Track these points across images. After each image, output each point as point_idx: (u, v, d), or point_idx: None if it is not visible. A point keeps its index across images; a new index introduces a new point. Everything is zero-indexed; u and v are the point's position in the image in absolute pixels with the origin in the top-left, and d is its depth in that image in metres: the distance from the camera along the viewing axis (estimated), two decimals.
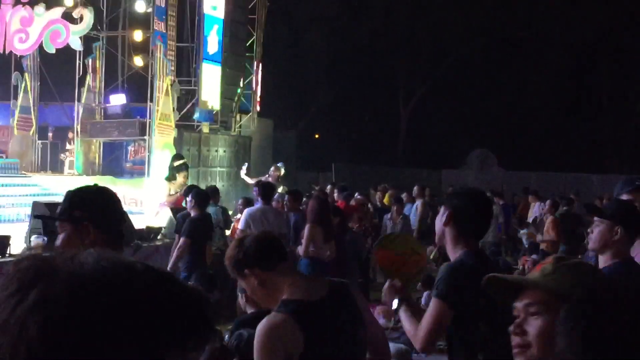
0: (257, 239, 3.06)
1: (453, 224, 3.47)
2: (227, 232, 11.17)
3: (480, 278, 3.39)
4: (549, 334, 1.83)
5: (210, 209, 10.03)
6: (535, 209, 16.16)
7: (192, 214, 9.15)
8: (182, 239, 8.78)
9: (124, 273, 0.87)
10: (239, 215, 10.88)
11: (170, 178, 14.12)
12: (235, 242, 3.15)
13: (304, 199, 11.16)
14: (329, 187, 16.52)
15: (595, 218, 3.99)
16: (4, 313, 0.85)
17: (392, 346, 5.40)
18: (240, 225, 9.72)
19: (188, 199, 9.41)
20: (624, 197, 4.59)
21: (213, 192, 11.27)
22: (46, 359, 0.82)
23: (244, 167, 16.21)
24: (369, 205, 14.70)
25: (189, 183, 15.92)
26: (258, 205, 9.95)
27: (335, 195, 13.80)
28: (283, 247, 3.14)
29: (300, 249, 8.24)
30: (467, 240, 3.50)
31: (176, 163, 14.44)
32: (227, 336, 4.81)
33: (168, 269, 9.41)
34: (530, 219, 16.31)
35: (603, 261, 3.83)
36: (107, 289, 0.84)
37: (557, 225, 13.54)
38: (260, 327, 2.80)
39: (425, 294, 7.54)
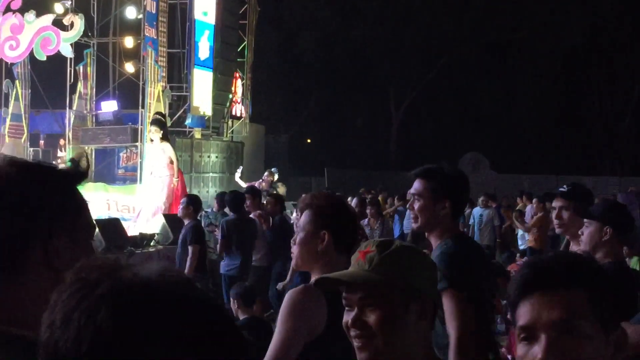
0: (349, 225, 2.97)
1: (451, 212, 3.41)
2: None
3: (473, 261, 3.34)
4: (391, 322, 1.85)
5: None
6: (527, 211, 16.16)
7: (186, 221, 9.07)
8: (191, 247, 8.85)
9: (187, 284, 0.90)
10: None
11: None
12: (338, 200, 3.08)
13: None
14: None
15: (585, 220, 3.99)
16: (65, 309, 0.86)
17: None
18: (219, 235, 9.62)
19: (181, 205, 9.33)
20: (554, 203, 4.53)
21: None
22: (115, 344, 0.82)
23: (239, 171, 16.19)
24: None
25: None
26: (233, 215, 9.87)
27: None
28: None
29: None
30: (455, 224, 3.51)
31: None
32: None
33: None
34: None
35: None
36: (174, 293, 0.88)
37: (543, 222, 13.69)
38: (295, 291, 2.78)
39: None
